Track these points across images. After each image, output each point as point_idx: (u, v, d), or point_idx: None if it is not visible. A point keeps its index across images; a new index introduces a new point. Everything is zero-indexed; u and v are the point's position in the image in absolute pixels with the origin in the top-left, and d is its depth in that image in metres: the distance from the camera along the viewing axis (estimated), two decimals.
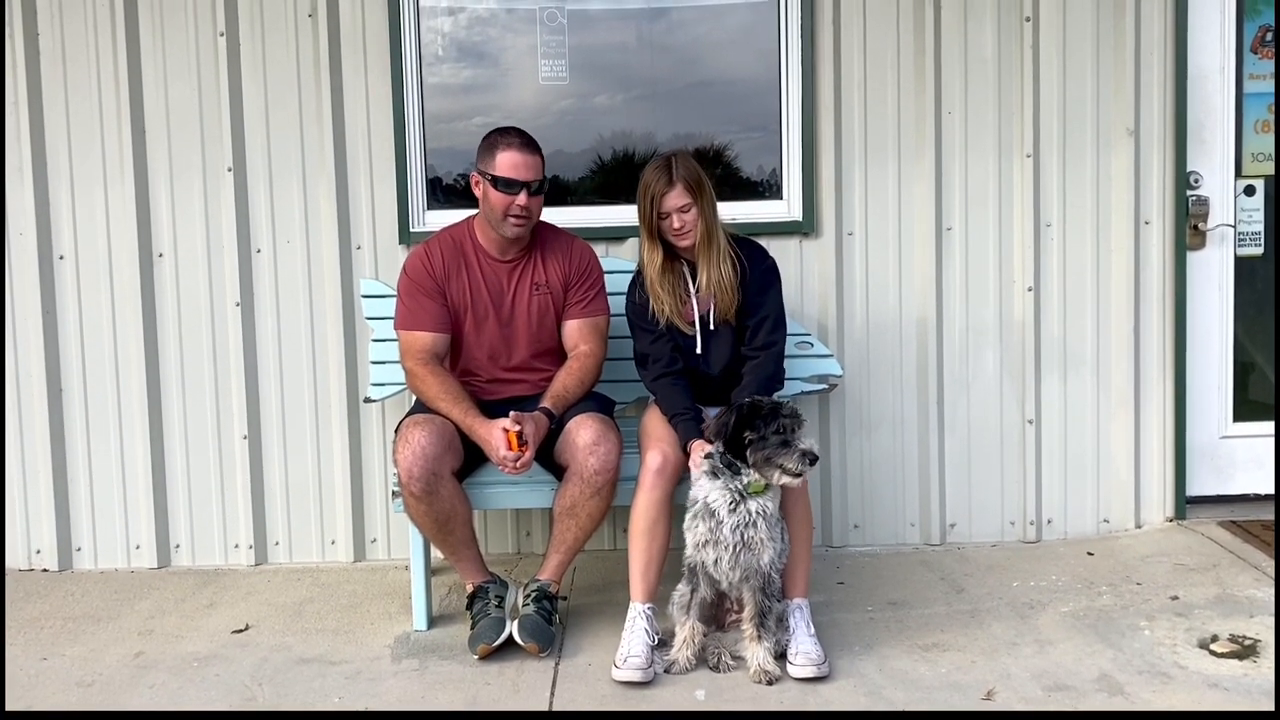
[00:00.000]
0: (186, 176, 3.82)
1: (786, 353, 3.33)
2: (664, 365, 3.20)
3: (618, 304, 3.42)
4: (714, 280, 3.15)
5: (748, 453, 2.80)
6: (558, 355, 3.35)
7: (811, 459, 2.76)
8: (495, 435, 3.01)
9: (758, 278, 3.21)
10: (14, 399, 3.86)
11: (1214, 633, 3.06)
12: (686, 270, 3.21)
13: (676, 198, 3.08)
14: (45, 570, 3.89)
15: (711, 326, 3.21)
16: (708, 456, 2.91)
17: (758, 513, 2.82)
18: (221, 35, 3.77)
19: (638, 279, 3.27)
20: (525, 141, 3.17)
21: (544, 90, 3.94)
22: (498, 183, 3.12)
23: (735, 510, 2.82)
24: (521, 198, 3.13)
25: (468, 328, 3.28)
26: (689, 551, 2.90)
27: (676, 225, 3.10)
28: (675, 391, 3.17)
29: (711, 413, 3.14)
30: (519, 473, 3.03)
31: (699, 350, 3.21)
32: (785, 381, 3.41)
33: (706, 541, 2.85)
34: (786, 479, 2.79)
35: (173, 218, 3.83)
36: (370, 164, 3.84)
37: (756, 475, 2.81)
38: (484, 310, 3.28)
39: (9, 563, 3.90)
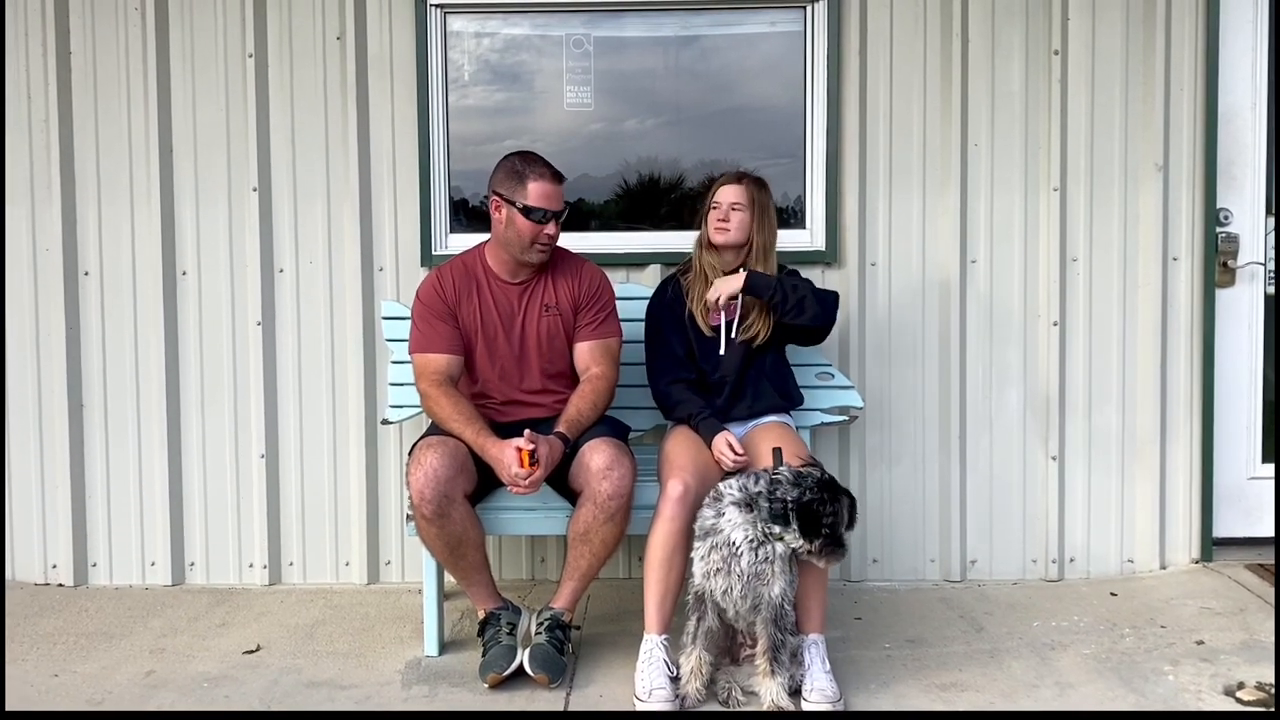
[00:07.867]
0: (212, 196, 3.85)
1: (807, 383, 3.41)
2: (681, 370, 3.28)
3: (633, 331, 3.41)
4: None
5: (803, 520, 2.74)
6: (570, 378, 3.34)
7: (837, 556, 2.81)
8: (507, 454, 2.99)
9: None
10: (35, 413, 3.88)
11: (1240, 679, 2.99)
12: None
13: (734, 194, 3.24)
14: (61, 585, 3.89)
15: (733, 335, 3.26)
16: (761, 494, 2.80)
17: (779, 552, 2.78)
18: (250, 57, 3.81)
19: (671, 279, 3.36)
20: (554, 172, 3.19)
21: (570, 114, 3.95)
22: (530, 212, 3.13)
23: (757, 550, 2.77)
24: (551, 227, 3.16)
25: (479, 350, 3.28)
26: (697, 580, 2.84)
27: (720, 216, 3.22)
28: (692, 394, 3.25)
29: (728, 425, 3.18)
30: (529, 492, 3.00)
31: (721, 351, 3.26)
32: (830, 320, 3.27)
33: (718, 570, 2.80)
34: (810, 557, 2.79)
35: (197, 236, 3.86)
36: (395, 186, 3.85)
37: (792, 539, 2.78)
38: (494, 332, 3.27)
39: (24, 577, 3.92)
